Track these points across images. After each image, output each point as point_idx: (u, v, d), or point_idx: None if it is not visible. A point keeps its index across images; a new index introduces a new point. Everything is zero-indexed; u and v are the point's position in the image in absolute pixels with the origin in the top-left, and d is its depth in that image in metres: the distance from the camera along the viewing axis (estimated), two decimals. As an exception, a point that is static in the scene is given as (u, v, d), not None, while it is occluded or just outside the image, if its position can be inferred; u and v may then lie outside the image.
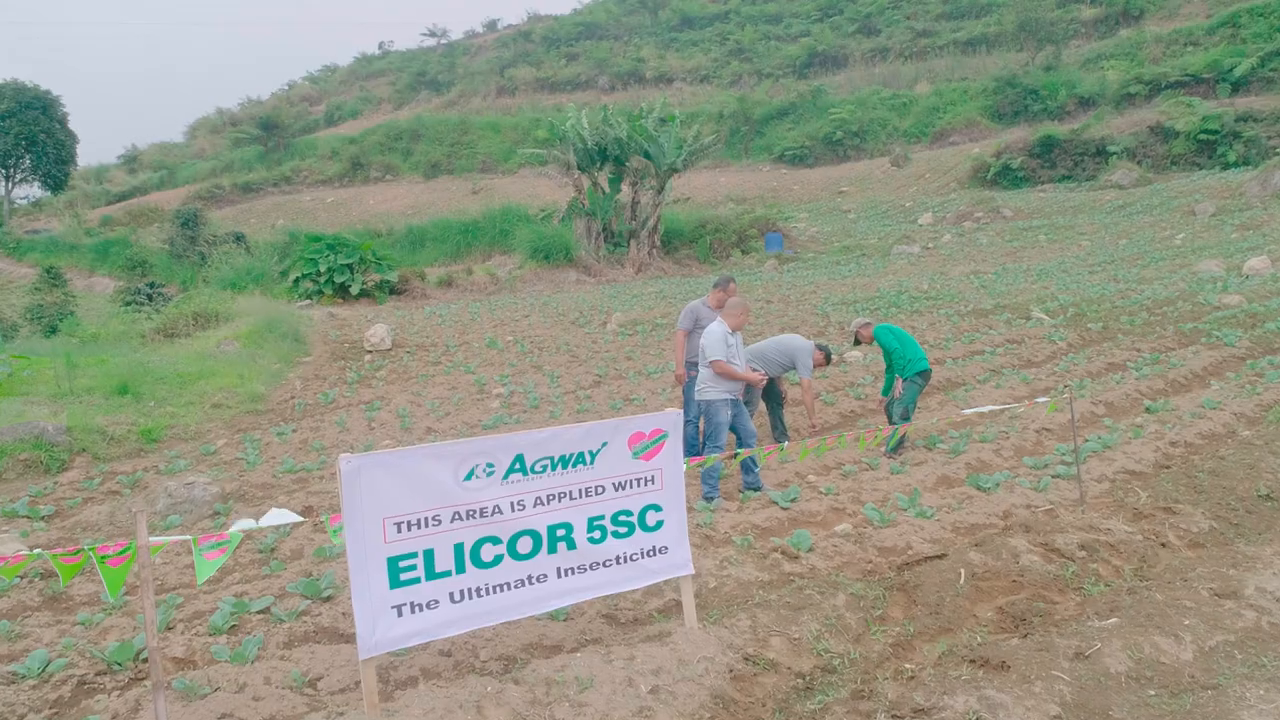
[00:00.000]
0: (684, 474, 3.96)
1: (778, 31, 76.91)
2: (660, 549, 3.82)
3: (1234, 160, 38.22)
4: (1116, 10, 63.52)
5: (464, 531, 3.37)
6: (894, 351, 8.38)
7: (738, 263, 29.55)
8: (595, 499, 3.64)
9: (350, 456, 3.13)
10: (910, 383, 8.24)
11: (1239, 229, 27.08)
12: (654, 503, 3.79)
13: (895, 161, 49.33)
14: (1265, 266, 19.30)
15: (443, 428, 10.09)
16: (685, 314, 8.29)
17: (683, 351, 8.21)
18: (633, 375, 12.43)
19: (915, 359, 8.32)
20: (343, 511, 3.16)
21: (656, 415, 3.79)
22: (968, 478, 7.01)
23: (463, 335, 17.03)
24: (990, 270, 22.90)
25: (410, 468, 3.22)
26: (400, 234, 35.98)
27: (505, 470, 3.43)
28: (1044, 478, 6.84)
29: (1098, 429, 8.24)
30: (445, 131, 67.30)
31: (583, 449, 3.59)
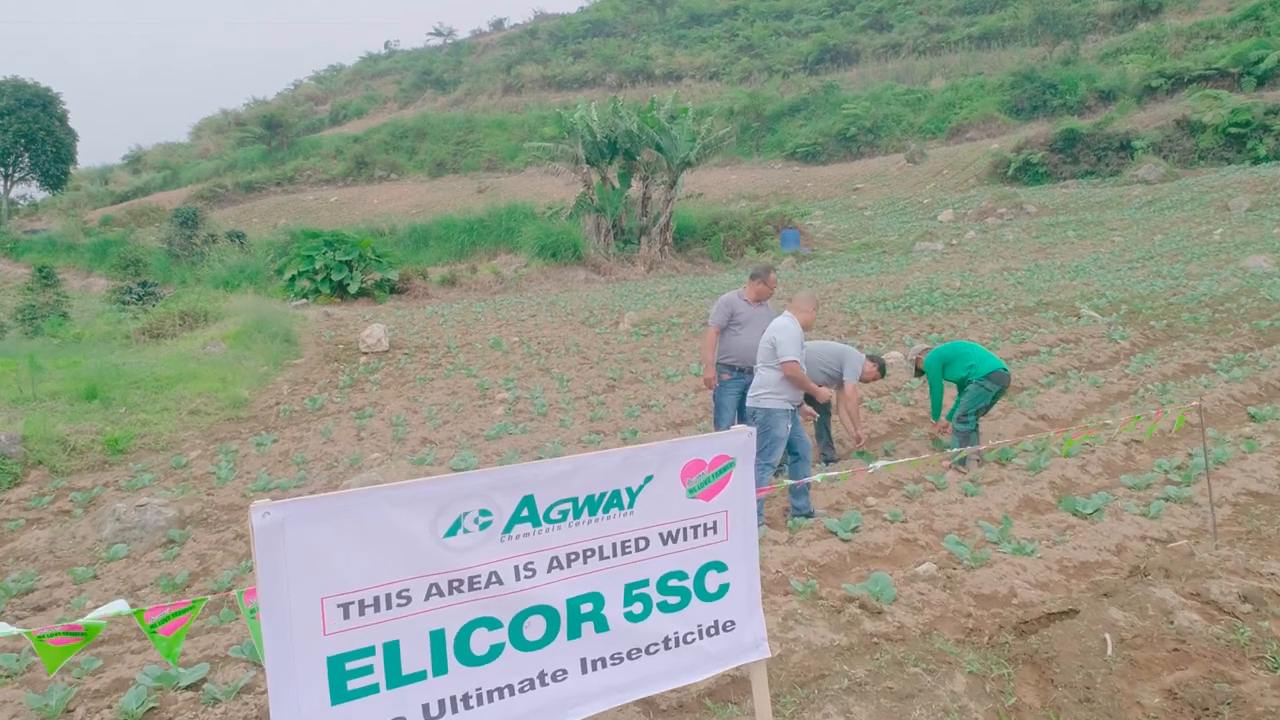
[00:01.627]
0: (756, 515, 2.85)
1: (788, 27, 75.80)
2: (725, 625, 2.71)
3: (1265, 154, 36.93)
4: (1134, 4, 62.19)
5: (446, 613, 2.27)
6: (933, 392, 7.40)
7: (753, 261, 28.37)
8: (635, 558, 2.54)
9: (268, 505, 2.03)
10: (978, 386, 7.13)
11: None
12: (716, 559, 2.69)
13: (911, 158, 48.15)
14: (1320, 261, 18.17)
15: (440, 438, 8.99)
16: (719, 308, 7.16)
17: (713, 351, 7.08)
18: (650, 379, 11.32)
19: (980, 361, 7.20)
20: (258, 588, 2.07)
21: (720, 437, 2.68)
22: (1061, 501, 5.88)
23: (465, 336, 15.94)
24: (1022, 267, 21.73)
25: (366, 519, 2.14)
26: (404, 233, 34.95)
27: (508, 520, 2.33)
28: (1153, 501, 5.71)
29: (1199, 441, 7.08)
30: (450, 130, 66.34)
31: (618, 485, 2.49)
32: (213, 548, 6.15)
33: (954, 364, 7.27)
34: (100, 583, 5.67)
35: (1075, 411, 8.46)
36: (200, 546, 6.16)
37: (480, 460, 7.76)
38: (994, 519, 5.76)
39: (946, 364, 7.36)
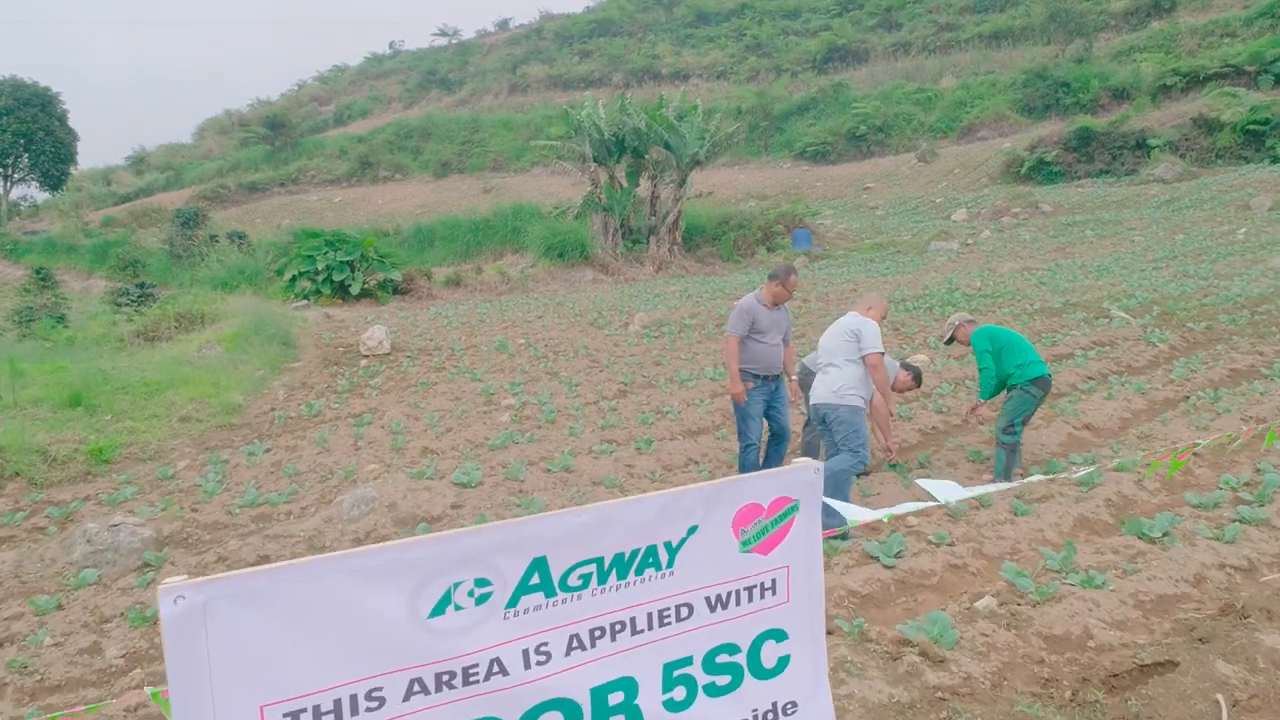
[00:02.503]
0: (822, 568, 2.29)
1: (796, 26, 75.25)
2: (785, 707, 2.16)
3: (1284, 153, 36.30)
4: (1148, 2, 61.51)
5: (433, 716, 1.73)
6: (984, 370, 6.74)
7: (764, 261, 27.80)
8: (676, 630, 2.00)
9: (183, 585, 1.46)
10: (1022, 391, 6.57)
11: (1305, 223, 25.28)
12: (775, 627, 2.14)
13: (922, 157, 47.55)
14: (1353, 261, 17.57)
15: (442, 447, 8.45)
16: (739, 315, 6.61)
17: (737, 362, 6.52)
18: (663, 383, 10.77)
19: (1029, 362, 6.65)
20: (171, 698, 1.52)
21: (779, 475, 2.13)
22: (1124, 524, 5.31)
23: (470, 338, 15.41)
24: (1042, 267, 21.14)
25: (322, 598, 1.57)
26: (408, 233, 34.48)
27: (513, 590, 1.78)
28: (1227, 524, 5.15)
29: (1263, 454, 6.52)
30: (456, 130, 65.88)
31: (654, 540, 1.95)
32: (192, 572, 5.60)
33: (1004, 354, 6.70)
34: (65, 614, 5.15)
35: (1121, 420, 7.90)
36: (178, 571, 5.62)
37: (485, 471, 7.22)
38: (1051, 542, 5.21)
39: (1000, 349, 6.77)
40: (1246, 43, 47.64)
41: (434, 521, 6.17)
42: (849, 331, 5.95)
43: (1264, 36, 47.62)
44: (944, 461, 7.12)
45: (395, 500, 6.36)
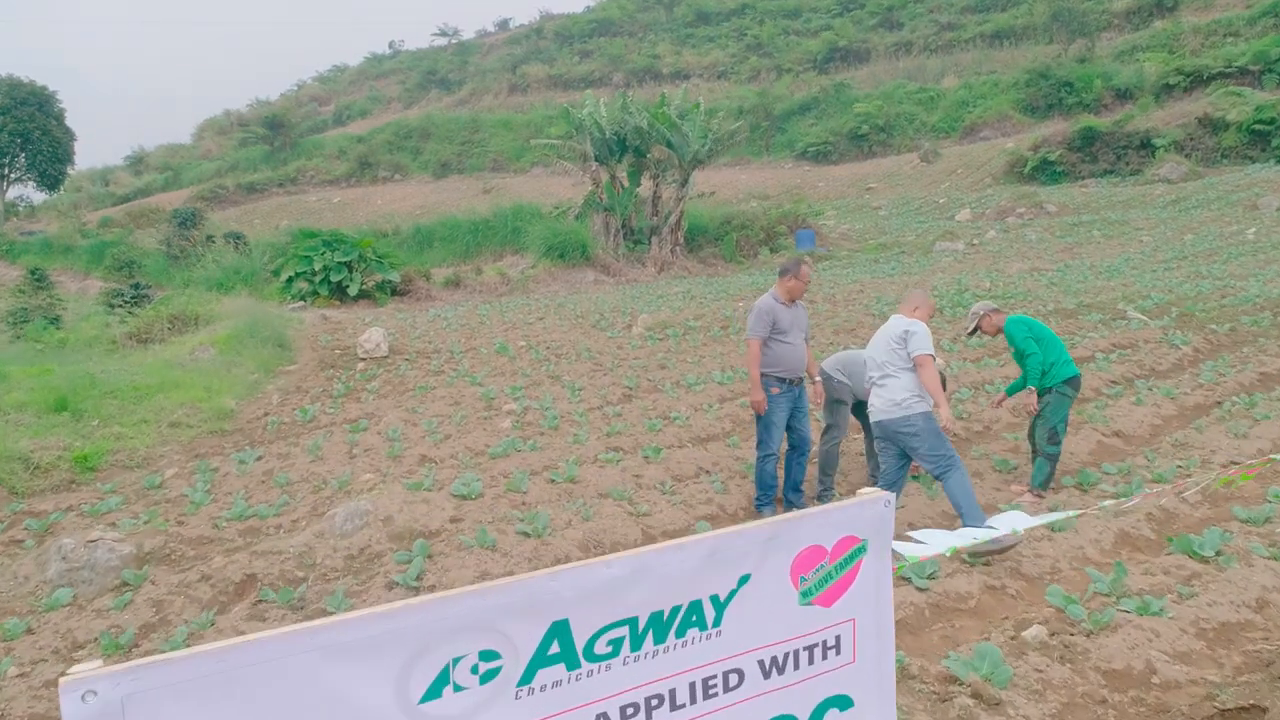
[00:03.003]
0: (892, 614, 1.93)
1: (796, 26, 74.95)
2: (849, 789, 1.82)
3: (1290, 153, 35.95)
4: (1150, 2, 61.26)
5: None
6: (1030, 355, 6.32)
7: (767, 261, 27.47)
8: (724, 701, 1.63)
9: (95, 677, 1.08)
10: (1058, 394, 6.21)
11: (1316, 223, 24.95)
12: (840, 692, 1.77)
13: (925, 157, 47.22)
14: (1370, 261, 17.22)
15: (440, 455, 8.09)
16: (759, 317, 6.24)
17: (758, 367, 6.15)
18: (669, 387, 10.41)
19: (1061, 361, 6.29)
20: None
21: (844, 510, 1.77)
22: (1172, 541, 4.95)
23: (469, 340, 15.05)
24: (1051, 267, 20.80)
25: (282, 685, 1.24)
26: (407, 234, 34.15)
27: (527, 662, 1.42)
28: (1286, 541, 4.79)
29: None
30: (455, 130, 65.53)
31: (698, 594, 1.58)
32: (173, 592, 5.26)
33: (1045, 344, 6.35)
34: (34, 639, 4.79)
35: (1152, 427, 7.54)
36: (159, 591, 5.27)
37: (486, 482, 6.86)
38: (1094, 561, 4.85)
39: (1036, 338, 6.40)
40: (1250, 42, 47.34)
41: (432, 536, 5.81)
42: (898, 335, 5.56)
43: (1268, 36, 47.31)
44: (969, 471, 6.75)
45: (391, 513, 6.00)
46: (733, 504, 6.39)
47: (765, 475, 6.27)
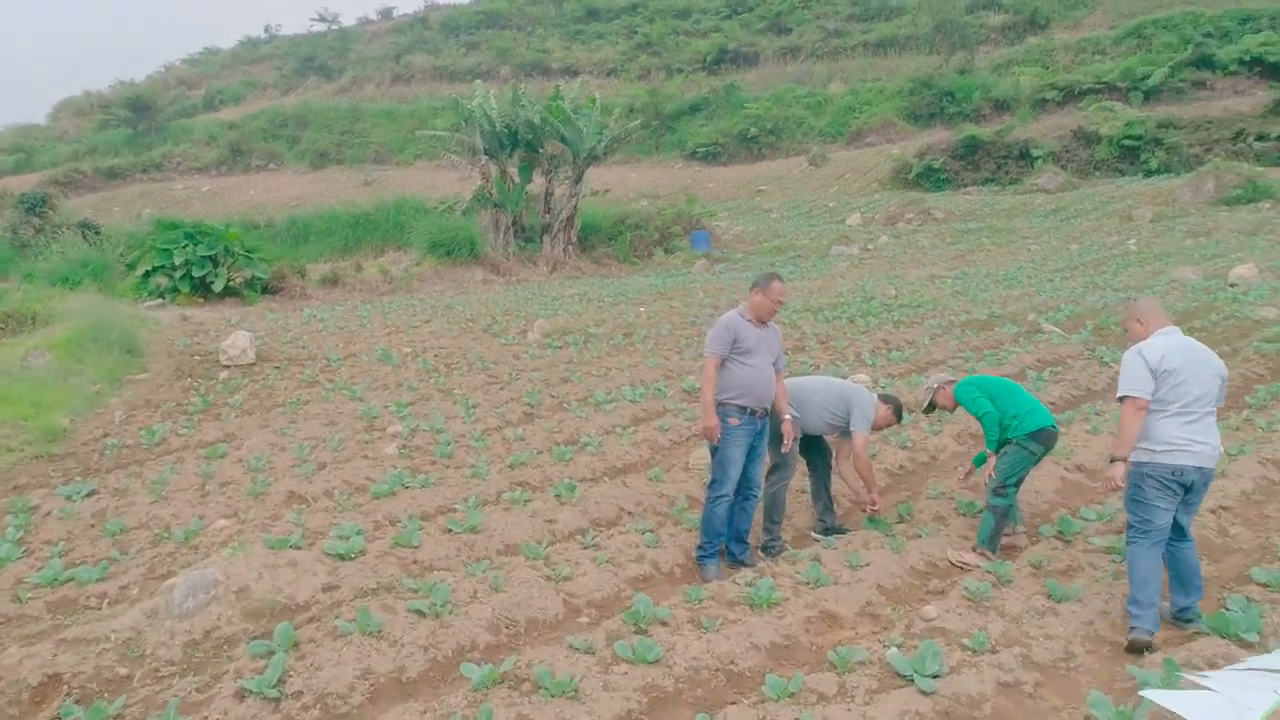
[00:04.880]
0: None
1: (686, 26, 74.82)
2: None
3: (1156, 167, 37.58)
4: (1024, 18, 63.71)
5: None
6: (985, 414, 5.57)
7: (662, 263, 26.71)
8: None
9: None
10: (1017, 446, 5.43)
11: (1190, 235, 25.79)
12: None
13: (814, 161, 47.57)
14: (1253, 275, 17.66)
15: (313, 491, 6.85)
16: (720, 333, 5.37)
17: (713, 388, 5.22)
18: (575, 405, 9.40)
19: (1027, 413, 5.51)
20: None
21: None
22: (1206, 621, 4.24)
23: (348, 345, 13.65)
24: (949, 274, 20.72)
25: None
26: (282, 226, 31.99)
27: None
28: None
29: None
30: (335, 119, 62.64)
31: None
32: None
33: (1001, 400, 5.60)
34: None
35: (1111, 458, 6.97)
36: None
37: (368, 533, 5.70)
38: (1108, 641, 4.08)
39: (992, 395, 5.68)
40: (1117, 60, 49.54)
41: (299, 613, 4.65)
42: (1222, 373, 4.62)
43: (1133, 55, 49.67)
44: (929, 515, 6.01)
45: (247, 582, 4.80)
46: (667, 560, 5.43)
47: (715, 521, 5.35)
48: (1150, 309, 4.68)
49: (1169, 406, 4.34)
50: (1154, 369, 4.32)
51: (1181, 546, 4.39)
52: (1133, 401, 4.30)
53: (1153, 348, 4.39)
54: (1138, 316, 4.66)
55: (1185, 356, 4.42)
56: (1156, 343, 4.42)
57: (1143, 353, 4.37)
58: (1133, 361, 4.38)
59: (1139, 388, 4.29)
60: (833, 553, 5.34)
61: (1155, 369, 4.32)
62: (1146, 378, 4.30)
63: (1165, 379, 4.33)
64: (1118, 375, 9.74)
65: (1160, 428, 4.34)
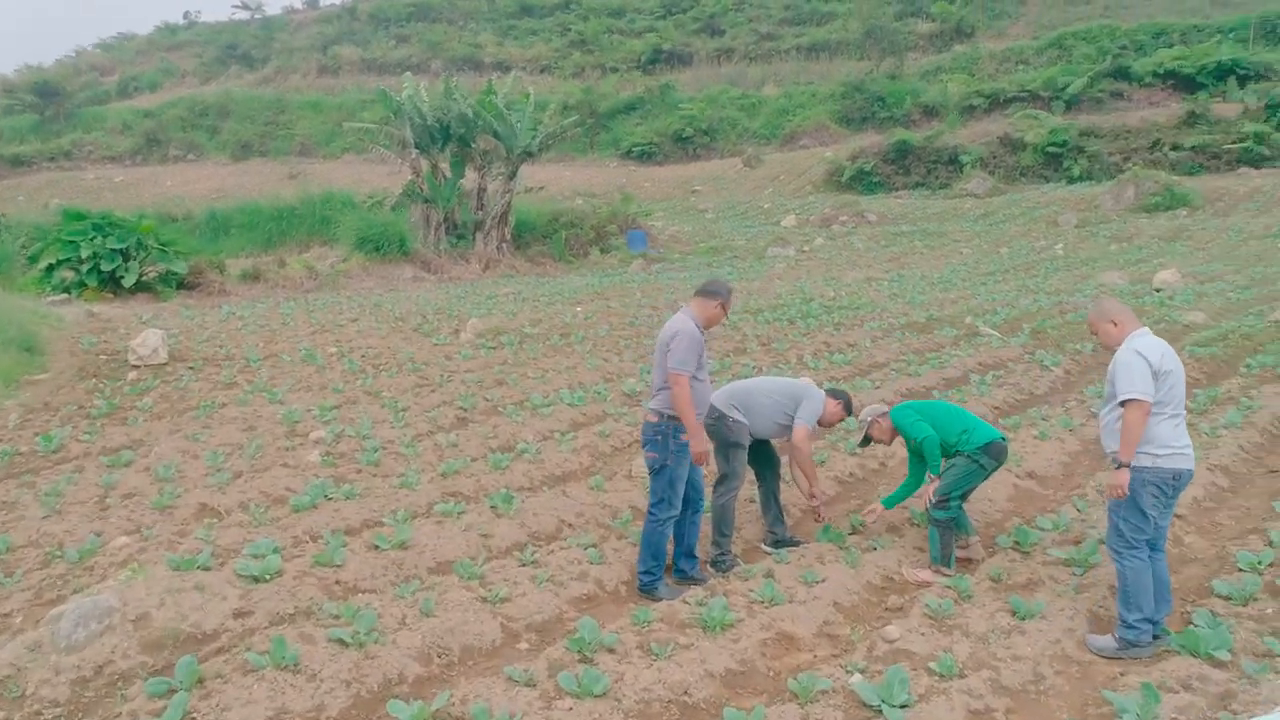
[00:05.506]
0: None
1: (621, 25, 74.59)
2: None
3: (1079, 174, 38.55)
4: (950, 27, 65.05)
5: None
6: (925, 438, 5.33)
7: (598, 262, 26.35)
8: None
9: None
10: (967, 458, 5.18)
11: (1113, 240, 26.48)
12: None
13: (748, 162, 47.73)
14: (1176, 280, 18.05)
15: (227, 504, 6.34)
16: (691, 346, 5.00)
17: (693, 409, 4.94)
18: (510, 409, 8.99)
19: (975, 427, 5.28)
20: None
21: None
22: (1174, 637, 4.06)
23: (270, 345, 12.99)
24: (884, 276, 20.79)
25: None
26: (200, 219, 30.75)
27: None
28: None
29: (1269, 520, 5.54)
30: (258, 109, 60.82)
31: None
32: None
33: (940, 424, 5.34)
34: None
35: (1063, 466, 6.87)
36: None
37: (286, 550, 5.24)
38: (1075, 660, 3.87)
39: (932, 419, 5.41)
40: (1039, 70, 50.81)
41: (206, 644, 4.19)
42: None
43: (1056, 65, 51.01)
44: (883, 525, 5.77)
45: (147, 609, 4.31)
46: (612, 578, 5.08)
47: (660, 541, 5.01)
48: (1121, 310, 4.49)
49: (1165, 409, 4.18)
50: (1156, 370, 4.15)
51: (1155, 558, 4.23)
52: (1139, 405, 4.11)
53: (1151, 348, 4.22)
54: (1110, 318, 4.44)
55: (1173, 357, 4.28)
56: (1151, 343, 4.26)
57: (1144, 353, 4.18)
58: (1134, 363, 4.16)
59: (1145, 390, 4.11)
60: (786, 568, 5.05)
61: (1157, 370, 4.15)
62: (1150, 379, 4.13)
63: (1164, 380, 4.17)
64: (1059, 380, 9.75)
65: (1160, 431, 4.17)
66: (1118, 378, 4.19)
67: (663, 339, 5.03)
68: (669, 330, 5.02)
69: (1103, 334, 4.49)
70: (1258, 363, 9.71)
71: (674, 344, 4.92)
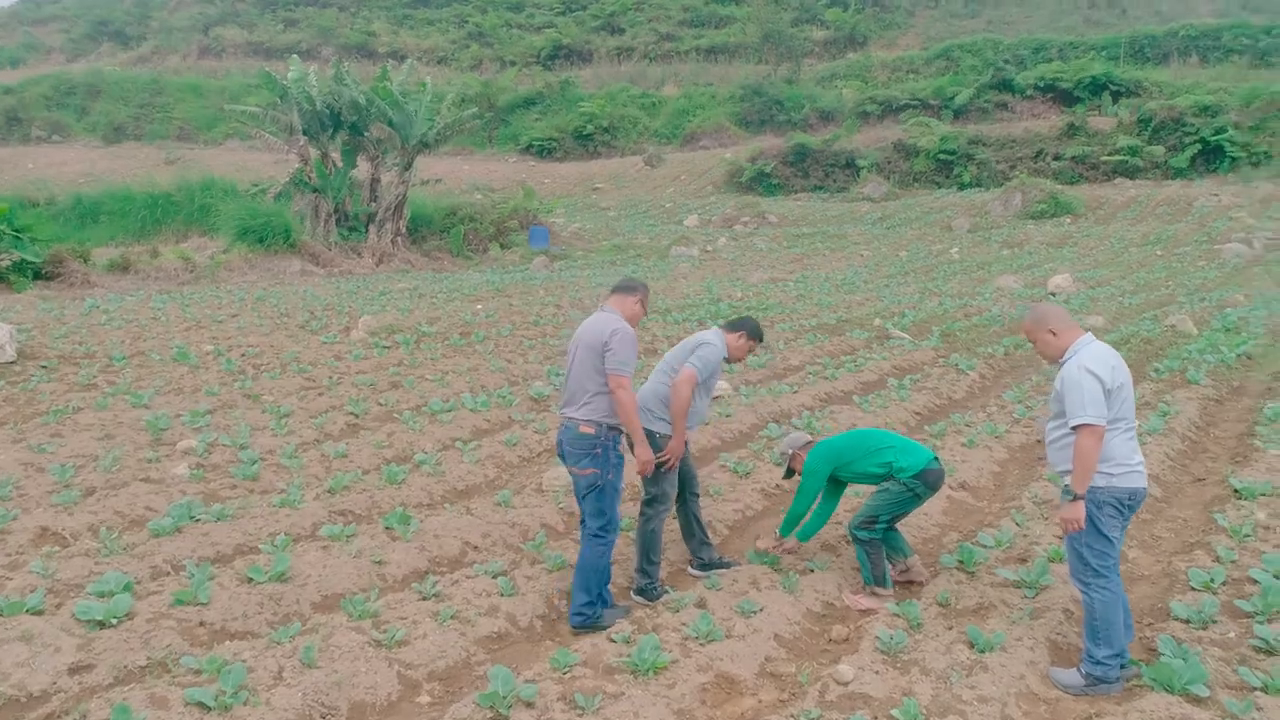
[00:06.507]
0: None
1: (520, 20, 73.61)
2: None
3: (968, 181, 39.69)
4: (844, 34, 66.46)
5: None
6: (804, 493, 4.93)
7: (498, 258, 25.55)
8: None
9: None
10: (904, 487, 4.74)
11: (1005, 246, 27.15)
12: None
13: (649, 161, 47.51)
14: (1069, 284, 18.49)
15: (73, 526, 5.47)
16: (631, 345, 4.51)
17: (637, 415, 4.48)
18: (408, 415, 8.26)
19: (907, 450, 4.85)
20: None
21: None
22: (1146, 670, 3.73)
23: (137, 342, 11.86)
24: (789, 277, 20.70)
25: None
26: (65, 205, 28.55)
27: None
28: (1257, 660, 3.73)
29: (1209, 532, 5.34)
30: (133, 90, 57.37)
31: None
32: None
33: (865, 459, 4.88)
34: None
35: (994, 475, 6.61)
36: None
37: (141, 585, 4.47)
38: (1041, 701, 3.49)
39: (848, 462, 4.95)
40: (929, 79, 52.23)
41: (32, 707, 3.42)
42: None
43: (945, 75, 52.53)
44: (815, 543, 5.34)
45: (-45, 668, 3.51)
46: (526, 612, 4.49)
47: (605, 567, 4.45)
48: (1059, 316, 4.11)
49: (1119, 424, 3.83)
50: (1109, 388, 3.78)
51: None
52: (1092, 430, 3.72)
53: (1100, 362, 3.83)
54: (1049, 326, 4.05)
55: (1123, 368, 3.92)
56: (1100, 355, 3.87)
57: (1094, 371, 3.79)
58: (1085, 383, 3.77)
59: (1098, 413, 3.72)
60: (720, 595, 4.57)
61: (1110, 388, 3.78)
62: (1102, 400, 3.74)
63: (1116, 396, 3.80)
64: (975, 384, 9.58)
65: (1113, 447, 3.82)
66: (1068, 398, 3.81)
67: (589, 340, 4.47)
68: (599, 329, 4.46)
69: (1041, 344, 4.10)
70: (1165, 367, 9.78)
71: (614, 343, 4.37)
